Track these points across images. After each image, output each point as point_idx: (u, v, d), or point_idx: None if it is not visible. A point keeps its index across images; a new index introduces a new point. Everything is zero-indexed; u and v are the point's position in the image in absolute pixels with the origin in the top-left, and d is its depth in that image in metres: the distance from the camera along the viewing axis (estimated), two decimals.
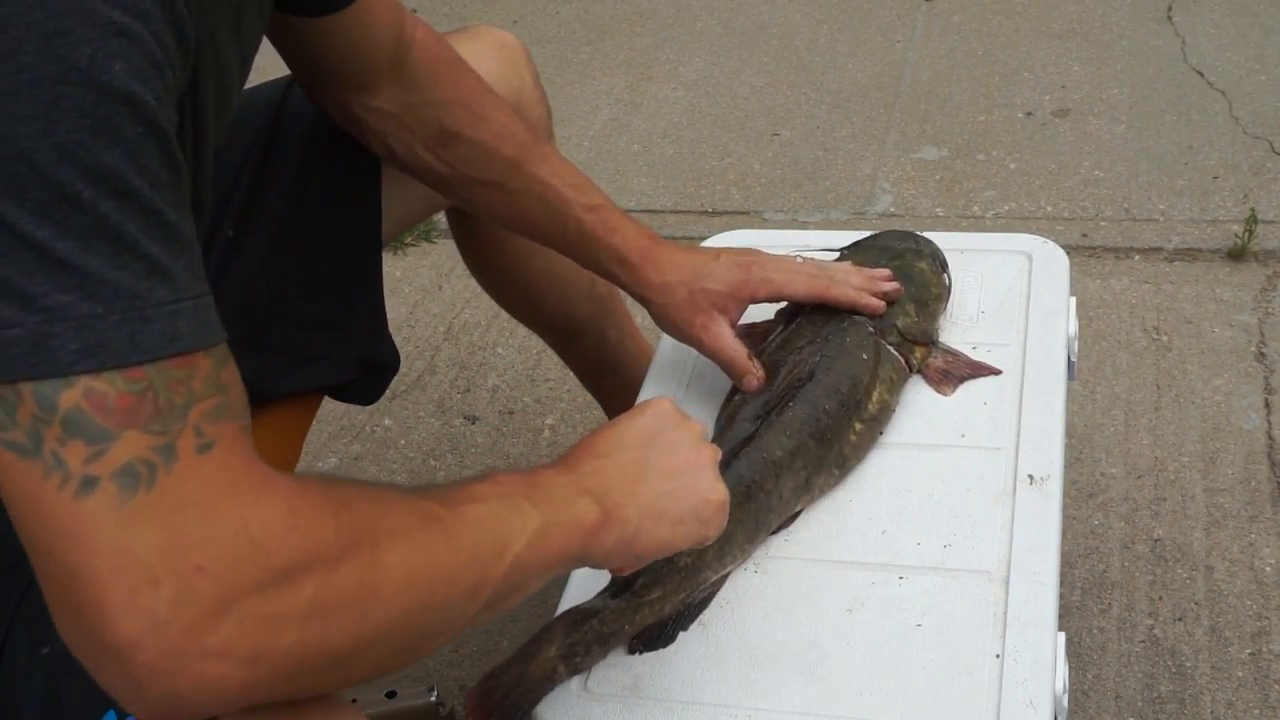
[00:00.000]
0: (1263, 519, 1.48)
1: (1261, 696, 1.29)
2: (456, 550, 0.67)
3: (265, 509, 0.59)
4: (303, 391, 1.14)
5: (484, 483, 0.72)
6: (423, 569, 0.64)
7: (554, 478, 0.76)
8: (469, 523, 0.68)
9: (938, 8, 2.68)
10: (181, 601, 0.55)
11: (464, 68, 1.07)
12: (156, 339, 0.57)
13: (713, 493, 0.81)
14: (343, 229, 1.13)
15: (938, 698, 0.81)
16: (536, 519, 0.71)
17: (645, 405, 0.84)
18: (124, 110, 0.57)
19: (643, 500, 0.78)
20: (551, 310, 1.39)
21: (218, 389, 0.60)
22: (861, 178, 2.20)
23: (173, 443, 0.57)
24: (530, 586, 0.72)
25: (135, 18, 0.58)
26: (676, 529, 0.80)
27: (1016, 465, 0.96)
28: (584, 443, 0.81)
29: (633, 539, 0.77)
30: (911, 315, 1.06)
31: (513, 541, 0.69)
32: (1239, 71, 2.31)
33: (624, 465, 0.79)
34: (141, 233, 0.57)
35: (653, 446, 0.81)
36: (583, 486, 0.76)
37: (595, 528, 0.75)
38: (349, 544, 0.61)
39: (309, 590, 0.58)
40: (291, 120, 1.11)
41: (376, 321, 1.16)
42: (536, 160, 1.06)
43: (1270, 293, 1.82)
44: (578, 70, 2.62)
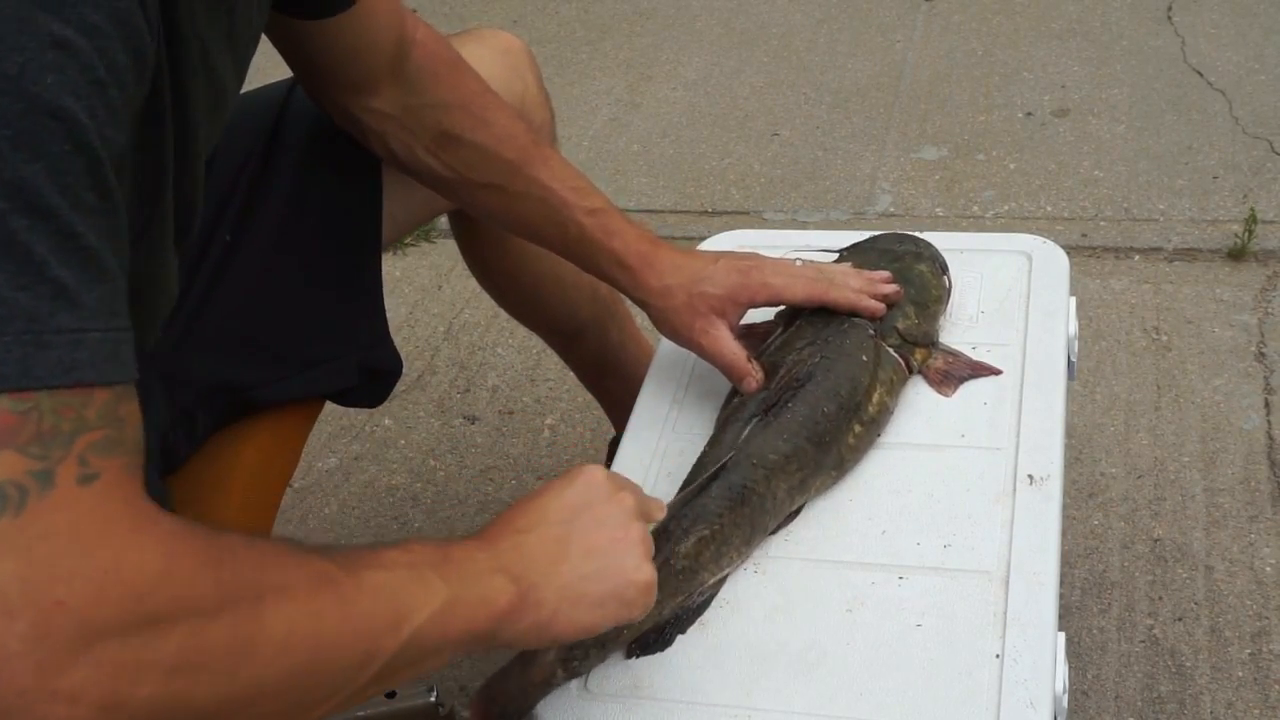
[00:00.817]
0: (1263, 519, 1.48)
1: (1261, 696, 1.29)
2: (347, 616, 0.64)
3: (141, 550, 0.55)
4: (302, 398, 1.14)
5: (394, 549, 0.70)
6: (307, 632, 0.61)
7: (471, 552, 0.73)
8: (365, 589, 0.65)
9: (937, 7, 2.68)
10: (35, 636, 0.51)
11: (465, 69, 1.07)
12: (50, 366, 0.54)
13: (638, 573, 0.78)
14: (343, 233, 1.13)
15: (937, 698, 0.81)
16: (443, 593, 0.68)
17: (576, 473, 0.81)
18: (51, 125, 0.54)
19: (562, 582, 0.75)
20: (554, 312, 1.39)
21: (111, 422, 0.57)
22: (861, 178, 2.20)
23: (52, 469, 0.54)
24: (430, 662, 0.69)
25: (79, 32, 0.55)
26: (596, 612, 0.77)
27: (1016, 465, 0.96)
28: (508, 514, 0.78)
29: (549, 622, 0.75)
30: (912, 317, 1.06)
31: (412, 614, 0.66)
32: (1239, 71, 2.31)
33: (545, 543, 0.76)
34: (52, 254, 0.54)
35: (578, 522, 0.78)
36: (499, 564, 0.73)
37: (508, 609, 0.72)
38: (227, 598, 0.58)
39: (176, 641, 0.55)
40: (293, 123, 1.11)
41: (377, 326, 1.16)
42: (537, 163, 1.05)
43: (1270, 293, 1.82)
44: (577, 70, 2.62)
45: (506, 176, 1.05)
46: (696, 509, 0.90)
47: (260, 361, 1.09)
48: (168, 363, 1.00)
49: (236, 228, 1.07)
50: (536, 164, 1.05)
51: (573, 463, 1.72)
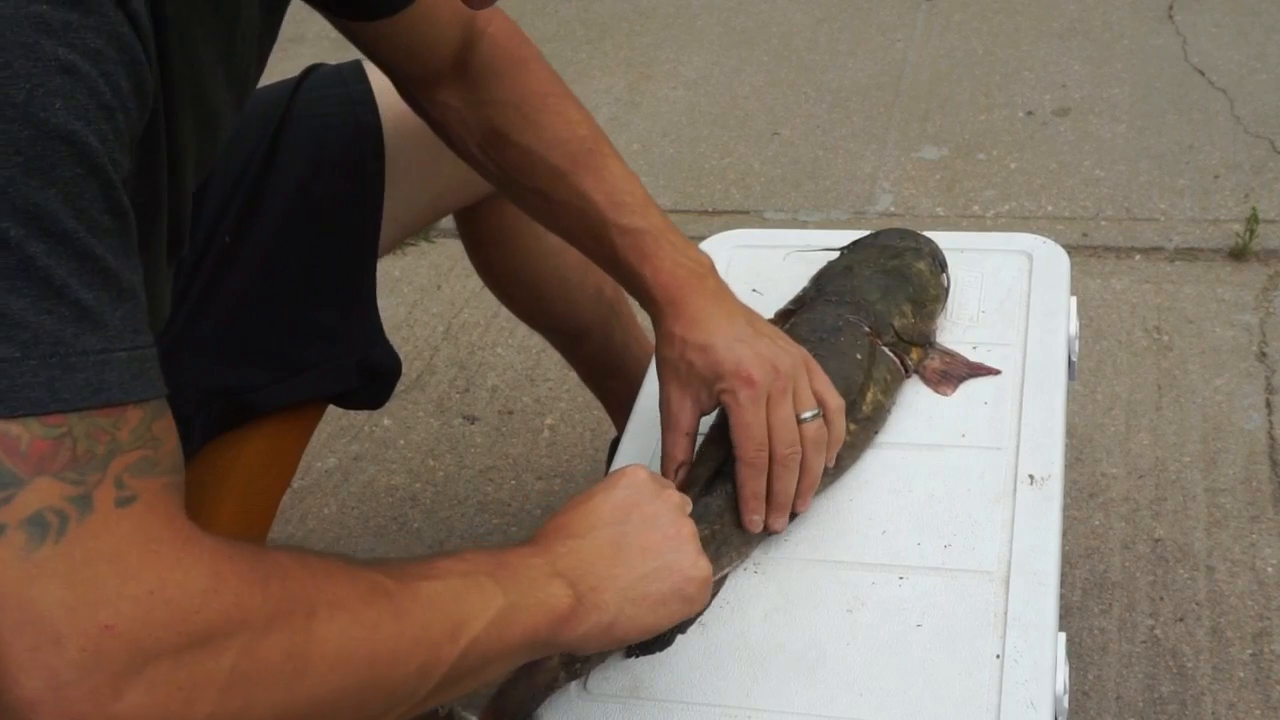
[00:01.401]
0: (1264, 519, 1.48)
1: (1263, 697, 1.29)
2: (404, 628, 0.63)
3: (186, 569, 0.55)
4: (300, 401, 1.13)
5: (447, 559, 0.69)
6: (362, 645, 0.61)
7: (526, 558, 0.73)
8: (421, 600, 0.65)
9: (938, 7, 2.68)
10: (87, 663, 0.51)
11: (533, 69, 1.03)
12: (78, 388, 0.54)
13: (695, 569, 0.79)
14: (342, 234, 1.12)
15: (938, 698, 0.81)
16: (500, 600, 0.68)
17: (620, 475, 0.81)
18: (62, 150, 0.54)
19: (622, 584, 0.75)
20: (558, 313, 1.39)
21: (146, 442, 0.57)
22: (861, 177, 2.20)
23: (89, 493, 0.54)
24: (492, 671, 0.69)
25: (84, 57, 0.55)
26: (660, 610, 0.77)
27: (1017, 465, 0.96)
28: (557, 520, 0.78)
29: (612, 624, 0.75)
30: (908, 316, 1.06)
31: (470, 622, 0.66)
32: (1240, 70, 2.31)
33: (600, 546, 0.76)
34: (73, 277, 0.54)
35: (630, 522, 0.78)
36: (556, 569, 0.73)
37: (567, 613, 0.72)
38: (278, 612, 0.58)
39: (230, 658, 0.55)
40: (297, 123, 1.10)
41: (372, 328, 1.16)
42: (584, 172, 1.00)
43: (1271, 292, 1.81)
44: (577, 70, 2.62)
45: (550, 183, 1.00)
46: (697, 509, 0.90)
47: (256, 364, 1.09)
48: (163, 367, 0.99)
49: (237, 230, 1.07)
50: (583, 172, 1.00)
51: (572, 463, 1.72)
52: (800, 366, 0.93)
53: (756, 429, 0.90)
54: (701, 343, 0.93)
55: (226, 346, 1.07)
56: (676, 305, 0.95)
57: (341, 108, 1.12)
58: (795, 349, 0.95)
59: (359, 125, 1.11)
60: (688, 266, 0.97)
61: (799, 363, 0.93)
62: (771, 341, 0.94)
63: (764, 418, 0.90)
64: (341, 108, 1.12)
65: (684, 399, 0.93)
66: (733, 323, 0.94)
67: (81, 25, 0.55)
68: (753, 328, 0.95)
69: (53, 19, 0.54)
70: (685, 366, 0.93)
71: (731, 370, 0.91)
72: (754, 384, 0.90)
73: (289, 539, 1.65)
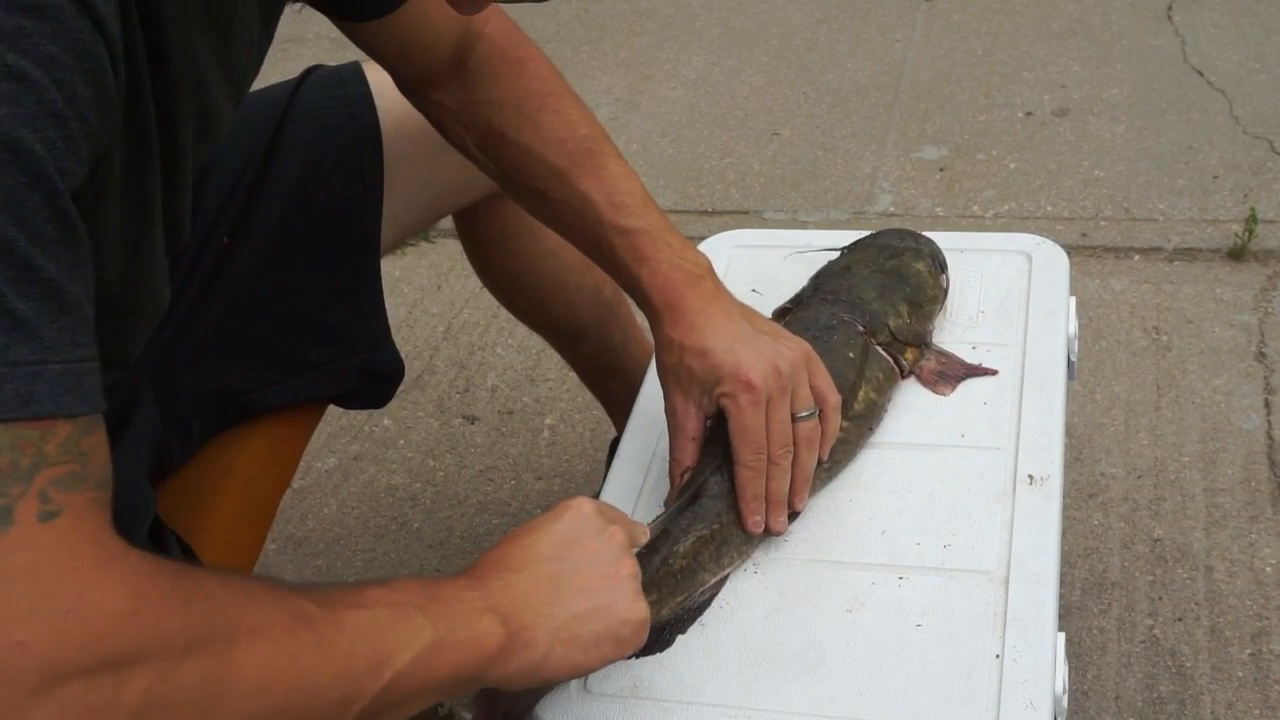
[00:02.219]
0: (1263, 519, 1.48)
1: (1262, 697, 1.29)
2: (326, 657, 0.62)
3: (105, 588, 0.54)
4: (300, 402, 1.13)
5: (378, 588, 0.68)
6: (283, 674, 0.60)
7: (459, 591, 0.72)
8: (346, 629, 0.64)
9: (937, 7, 2.68)
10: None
11: (531, 68, 1.03)
12: (6, 399, 0.53)
13: (631, 612, 0.77)
14: (343, 235, 1.12)
15: (937, 698, 0.81)
16: (428, 634, 0.67)
17: (564, 508, 0.80)
18: (4, 157, 0.53)
19: (555, 623, 0.74)
20: (557, 314, 1.39)
21: (74, 456, 0.56)
22: (861, 177, 2.20)
23: (11, 505, 0.53)
24: (414, 704, 0.67)
25: (35, 63, 0.54)
26: (591, 651, 0.76)
27: (1016, 465, 0.96)
28: (497, 552, 0.77)
29: (540, 664, 0.73)
30: (904, 316, 1.06)
31: (395, 655, 0.65)
32: (1239, 71, 2.31)
33: (537, 582, 0.75)
34: (8, 286, 0.53)
35: (569, 559, 0.77)
36: (489, 604, 0.72)
37: (496, 651, 0.71)
38: (197, 638, 0.57)
39: (143, 683, 0.54)
40: (296, 123, 1.10)
41: (377, 328, 1.15)
42: (583, 172, 0.99)
43: (1270, 292, 1.82)
44: (577, 70, 2.62)
45: (549, 182, 1.00)
46: (696, 509, 0.90)
47: (255, 365, 1.09)
48: (160, 367, 1.00)
49: (235, 230, 1.07)
50: (582, 172, 0.99)
51: (572, 463, 1.72)
52: (800, 364, 0.93)
53: (756, 433, 0.90)
54: (699, 347, 0.92)
55: (225, 346, 1.07)
56: (674, 309, 0.94)
57: (340, 109, 1.12)
58: (796, 344, 0.94)
59: (358, 126, 1.11)
60: (684, 269, 0.96)
61: (799, 360, 0.93)
62: (772, 340, 0.93)
63: (763, 421, 0.90)
64: (340, 109, 1.12)
65: (688, 404, 0.93)
66: (731, 324, 0.93)
67: (35, 31, 0.54)
68: (752, 327, 0.94)
69: (4, 25, 0.54)
70: (685, 372, 0.93)
71: (730, 374, 0.90)
72: (753, 388, 0.90)
73: (289, 539, 1.65)
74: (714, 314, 0.94)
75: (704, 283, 0.96)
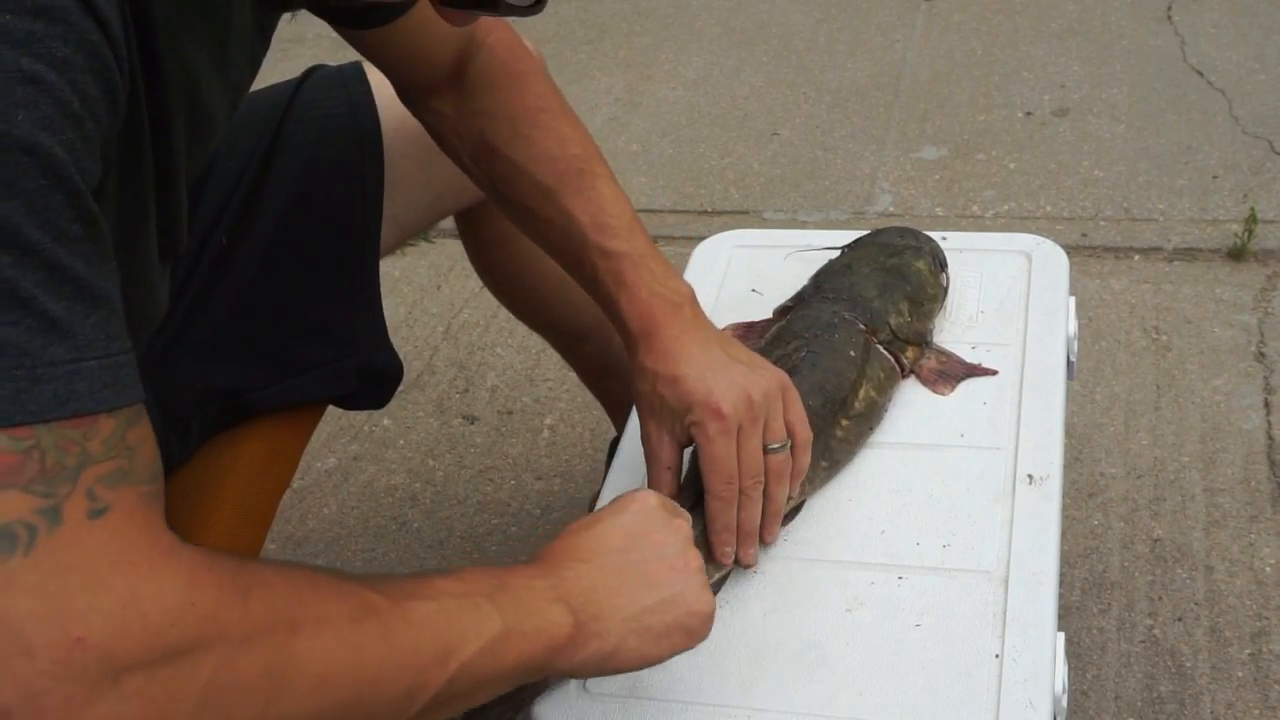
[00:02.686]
0: (1262, 519, 1.48)
1: (1261, 697, 1.29)
2: (391, 648, 0.62)
3: (160, 581, 0.55)
4: (298, 403, 1.13)
5: (446, 578, 0.68)
6: (346, 665, 0.60)
7: (528, 580, 0.72)
8: (412, 620, 0.64)
9: (937, 7, 2.68)
10: (58, 674, 0.51)
11: (529, 83, 1.01)
12: (46, 399, 0.53)
13: (699, 603, 0.78)
14: (342, 235, 1.12)
15: (937, 698, 0.81)
16: (497, 624, 0.67)
17: (630, 499, 0.80)
18: (25, 161, 0.54)
19: (626, 613, 0.74)
20: (557, 314, 1.38)
21: (120, 452, 0.57)
22: (861, 177, 2.20)
23: (58, 505, 0.53)
24: (482, 695, 0.68)
25: (49, 66, 0.55)
26: (663, 643, 0.76)
27: (1016, 465, 0.96)
28: (564, 540, 0.77)
29: (612, 653, 0.74)
30: (905, 314, 1.06)
31: (462, 646, 0.65)
32: (1239, 71, 2.31)
33: (607, 572, 0.75)
34: (40, 288, 0.54)
35: (638, 550, 0.77)
36: (559, 593, 0.72)
37: (566, 641, 0.71)
38: (258, 628, 0.57)
39: (205, 673, 0.55)
40: (297, 124, 1.10)
41: (375, 329, 1.15)
42: (571, 191, 0.98)
43: (1270, 292, 1.82)
44: (577, 70, 2.62)
45: (536, 199, 0.99)
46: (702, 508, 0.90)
47: (254, 366, 1.09)
48: (158, 368, 1.00)
49: (234, 230, 1.07)
50: (570, 192, 0.98)
51: (572, 463, 1.72)
52: (775, 394, 0.91)
53: (726, 463, 0.89)
54: (671, 374, 0.90)
55: (224, 347, 1.07)
56: (649, 337, 0.93)
57: (341, 109, 1.12)
58: (773, 375, 0.92)
59: (358, 127, 1.11)
60: (664, 296, 0.94)
61: (774, 391, 0.91)
62: (747, 369, 0.91)
63: (734, 451, 0.89)
64: (341, 109, 1.12)
65: (661, 434, 0.92)
66: (706, 352, 0.92)
67: (47, 35, 0.55)
68: (728, 355, 0.92)
69: (15, 29, 0.54)
70: (658, 401, 0.91)
71: (701, 402, 0.89)
72: (723, 417, 0.88)
73: (289, 539, 1.65)
74: (688, 342, 0.92)
75: (682, 311, 0.94)
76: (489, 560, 1.58)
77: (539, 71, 1.03)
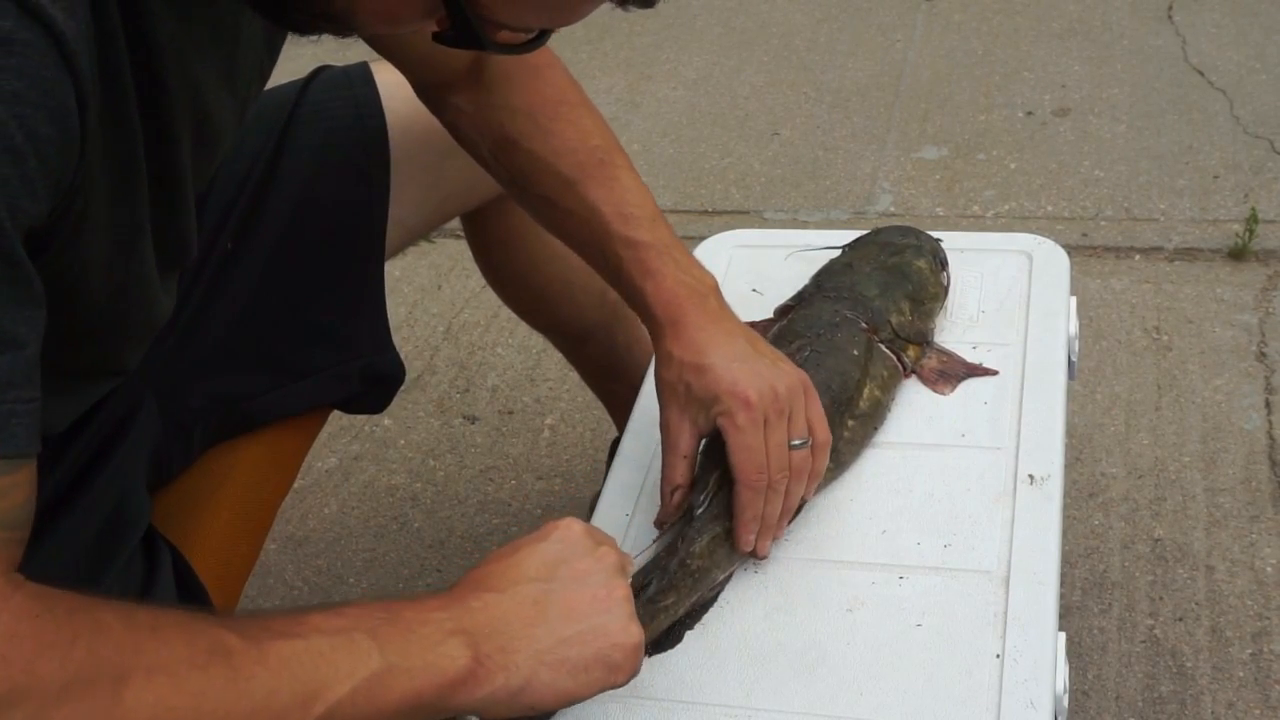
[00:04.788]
0: (1263, 519, 1.48)
1: (1262, 697, 1.29)
2: (240, 694, 0.59)
3: None
4: (302, 408, 1.12)
5: (322, 613, 0.66)
6: (185, 713, 0.57)
7: (425, 613, 0.69)
8: (269, 662, 0.61)
9: (938, 7, 2.68)
10: None
11: (548, 75, 1.01)
12: None
13: (624, 636, 0.74)
14: (347, 238, 1.11)
15: (938, 698, 0.81)
16: (375, 661, 0.64)
17: (552, 527, 0.77)
18: None
19: (540, 646, 0.71)
20: (563, 315, 1.38)
21: None
22: (861, 177, 2.20)
23: None
24: None
25: None
26: (581, 677, 0.72)
27: (1016, 465, 0.96)
28: (480, 572, 0.74)
29: (522, 689, 0.70)
30: (906, 313, 1.06)
31: (331, 686, 0.62)
32: (1240, 71, 2.31)
33: (520, 602, 0.72)
34: None
35: (556, 579, 0.74)
36: (460, 625, 0.69)
37: (462, 675, 0.68)
38: (77, 679, 0.55)
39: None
40: (303, 127, 1.09)
41: (378, 332, 1.15)
42: (593, 182, 0.97)
43: (1271, 292, 1.81)
44: (577, 70, 2.60)
45: (558, 191, 0.98)
46: (713, 509, 0.90)
47: (257, 370, 1.08)
48: (163, 374, 0.99)
49: (238, 235, 1.06)
50: (592, 182, 0.97)
51: (572, 463, 1.72)
52: (799, 391, 0.91)
53: (757, 452, 0.88)
54: (698, 363, 0.90)
55: (228, 352, 1.06)
56: (676, 325, 0.92)
57: (347, 111, 1.11)
58: (795, 372, 0.92)
59: (364, 129, 1.11)
60: (690, 285, 0.94)
61: (797, 387, 0.91)
62: (771, 363, 0.91)
63: (762, 440, 0.88)
64: (347, 111, 1.11)
65: (682, 421, 0.91)
66: (732, 343, 0.91)
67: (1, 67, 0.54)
68: (753, 348, 0.92)
69: None
70: (683, 388, 0.91)
71: (728, 391, 0.88)
72: (751, 406, 0.88)
73: (289, 539, 1.65)
74: (715, 332, 0.92)
75: (708, 301, 0.94)
76: None
77: (558, 64, 1.03)
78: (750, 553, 0.91)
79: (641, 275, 0.94)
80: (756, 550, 0.90)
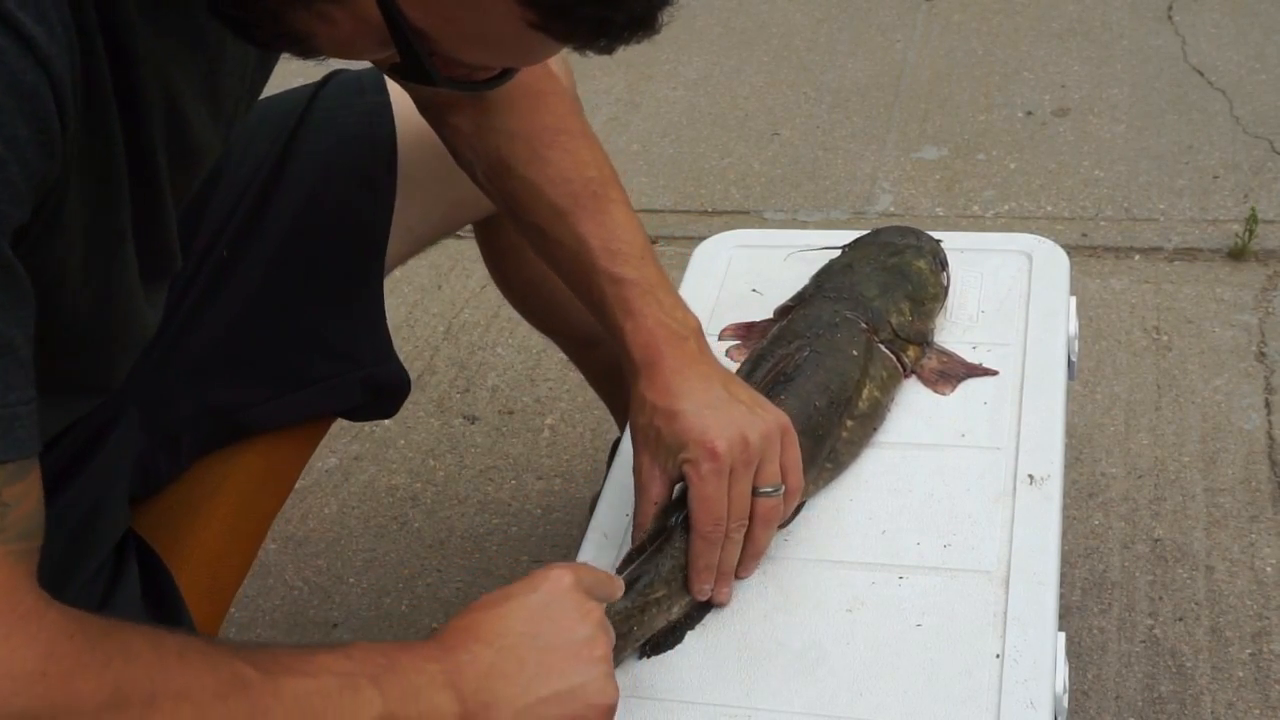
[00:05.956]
0: (1263, 519, 1.48)
1: (1262, 697, 1.29)
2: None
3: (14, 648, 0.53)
4: (298, 419, 1.11)
5: (331, 654, 0.67)
6: None
7: (421, 662, 0.71)
8: (284, 698, 0.62)
9: (938, 7, 2.68)
10: None
11: (550, 102, 1.01)
12: None
13: (600, 696, 0.75)
14: (348, 247, 1.11)
15: (938, 698, 0.81)
16: (377, 708, 0.66)
17: (543, 578, 0.77)
18: None
19: (520, 704, 0.72)
20: (573, 321, 1.37)
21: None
22: (861, 177, 2.20)
23: None
24: None
25: None
26: None
27: (1016, 465, 0.96)
28: (470, 618, 0.75)
29: None
30: (906, 314, 1.06)
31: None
32: (1239, 71, 2.31)
33: (506, 657, 0.73)
34: None
35: (542, 635, 0.75)
36: (450, 678, 0.71)
37: None
38: (113, 700, 0.56)
39: None
40: (312, 132, 1.09)
41: (379, 343, 1.14)
42: (585, 214, 0.96)
43: (1271, 292, 1.82)
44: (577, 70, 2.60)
45: (548, 220, 0.97)
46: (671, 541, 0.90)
47: (251, 380, 1.07)
48: (151, 383, 0.98)
49: (236, 241, 1.05)
50: (583, 215, 0.96)
51: (572, 463, 1.72)
52: (774, 437, 0.89)
53: (715, 504, 0.87)
54: (670, 409, 0.89)
55: (221, 360, 1.05)
56: (651, 368, 0.91)
57: (357, 118, 1.10)
58: (773, 416, 0.90)
59: (374, 136, 1.10)
60: (669, 327, 0.92)
61: (773, 433, 0.89)
62: (747, 410, 0.89)
63: (724, 491, 0.87)
64: (357, 118, 1.10)
65: (653, 468, 0.90)
66: (707, 389, 0.89)
67: None
68: (729, 394, 0.90)
69: None
70: (654, 434, 0.90)
71: (696, 440, 0.87)
72: (716, 456, 0.86)
73: (289, 539, 1.65)
74: (690, 376, 0.90)
75: (687, 344, 0.92)
76: (489, 561, 1.58)
77: (561, 91, 1.02)
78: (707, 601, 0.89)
79: (623, 314, 0.93)
80: (715, 598, 0.89)
